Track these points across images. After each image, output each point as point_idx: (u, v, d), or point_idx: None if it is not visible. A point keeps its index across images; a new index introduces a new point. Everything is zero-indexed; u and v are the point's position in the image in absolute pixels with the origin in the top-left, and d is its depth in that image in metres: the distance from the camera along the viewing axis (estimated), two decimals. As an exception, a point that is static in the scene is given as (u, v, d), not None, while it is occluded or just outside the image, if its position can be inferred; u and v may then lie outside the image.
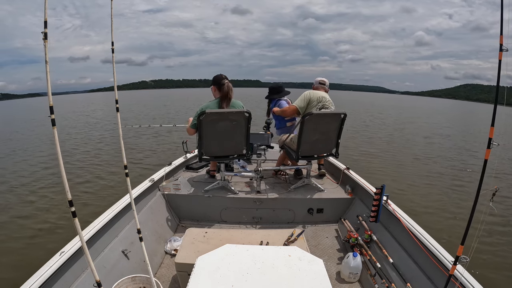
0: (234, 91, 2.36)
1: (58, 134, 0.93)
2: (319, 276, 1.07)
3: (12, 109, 35.83)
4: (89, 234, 1.55)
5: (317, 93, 2.60)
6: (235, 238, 1.74)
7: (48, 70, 0.86)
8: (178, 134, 9.27)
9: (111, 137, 9.81)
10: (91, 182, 5.25)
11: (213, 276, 1.05)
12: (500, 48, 1.02)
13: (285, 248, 1.27)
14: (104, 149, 8.13)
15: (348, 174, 2.69)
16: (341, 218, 2.42)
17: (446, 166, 6.78)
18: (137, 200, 2.14)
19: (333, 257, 2.08)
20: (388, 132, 11.54)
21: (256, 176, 2.57)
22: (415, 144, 9.54)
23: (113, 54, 1.30)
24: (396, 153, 8.00)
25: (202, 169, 3.12)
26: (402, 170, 6.34)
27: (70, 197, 0.94)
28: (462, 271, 1.23)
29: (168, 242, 2.15)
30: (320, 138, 2.45)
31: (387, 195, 2.03)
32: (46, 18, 0.86)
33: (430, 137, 10.92)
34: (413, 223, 1.77)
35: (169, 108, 22.42)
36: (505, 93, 1.22)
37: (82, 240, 0.99)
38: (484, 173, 1.13)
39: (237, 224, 2.49)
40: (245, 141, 2.39)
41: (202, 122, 2.19)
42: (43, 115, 15.61)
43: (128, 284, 1.46)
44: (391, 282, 1.63)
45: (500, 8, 1.02)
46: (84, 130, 11.93)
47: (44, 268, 1.27)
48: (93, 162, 6.71)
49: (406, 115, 21.04)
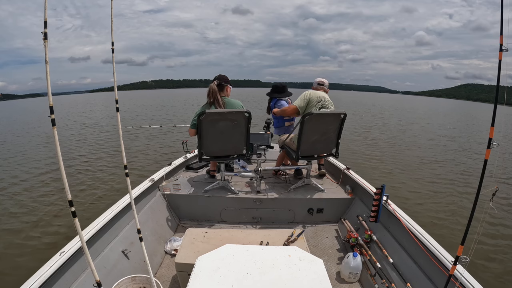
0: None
1: (58, 134, 0.93)
2: (319, 276, 1.07)
3: (11, 109, 35.79)
4: (89, 234, 1.55)
5: (316, 93, 2.61)
6: (235, 238, 1.74)
7: (48, 70, 0.86)
8: (178, 134, 9.28)
9: (112, 137, 9.82)
10: (91, 182, 5.25)
11: (213, 276, 1.05)
12: (500, 48, 1.02)
13: (285, 248, 1.27)
14: (104, 149, 8.13)
15: (348, 174, 2.69)
16: (341, 218, 2.42)
17: (446, 167, 6.78)
18: (137, 200, 2.14)
19: (333, 257, 2.08)
20: (391, 134, 11.34)
21: (256, 176, 2.57)
22: (417, 144, 9.52)
23: (113, 54, 1.30)
24: (396, 153, 7.99)
25: (202, 169, 3.13)
26: (402, 170, 6.33)
27: (70, 197, 0.95)
28: (462, 271, 1.23)
29: (168, 242, 2.15)
30: (320, 138, 2.45)
31: (387, 195, 2.03)
32: (46, 18, 0.86)
33: (434, 139, 10.87)
34: (413, 223, 1.77)
35: (168, 109, 22.39)
36: (505, 92, 1.22)
37: (82, 240, 0.99)
38: (484, 173, 1.13)
39: (237, 224, 2.49)
40: (245, 141, 2.39)
41: (202, 122, 2.19)
42: (43, 115, 15.60)
43: (128, 284, 1.46)
44: (391, 282, 1.63)
45: (500, 8, 1.02)
46: (85, 130, 11.95)
47: (44, 268, 1.27)
48: (93, 162, 6.71)
49: (410, 116, 20.56)
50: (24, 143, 9.43)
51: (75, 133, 11.05)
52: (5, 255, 3.02)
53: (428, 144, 9.66)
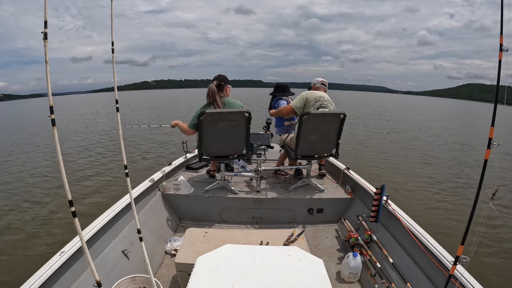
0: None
1: (58, 134, 0.93)
2: (319, 276, 1.07)
3: (10, 110, 35.71)
4: (89, 234, 1.55)
5: (315, 92, 2.60)
6: (235, 238, 1.74)
7: (48, 70, 0.86)
8: (178, 134, 9.26)
9: (111, 137, 9.82)
10: (90, 182, 5.26)
11: (213, 276, 1.05)
12: (500, 48, 1.02)
13: (285, 248, 1.27)
14: (104, 149, 8.13)
15: (348, 174, 2.69)
16: (341, 218, 2.41)
17: (447, 166, 6.77)
18: (137, 200, 2.14)
19: (333, 257, 2.08)
20: (398, 136, 10.90)
21: (256, 176, 2.57)
22: (419, 144, 9.48)
23: (113, 54, 1.30)
24: (397, 154, 7.99)
25: (202, 169, 3.12)
26: (402, 170, 6.33)
27: (70, 197, 0.95)
28: (462, 271, 1.23)
29: (168, 242, 2.15)
30: (319, 138, 2.45)
31: (387, 195, 2.03)
32: (46, 18, 0.86)
33: (435, 138, 10.77)
34: (413, 223, 1.76)
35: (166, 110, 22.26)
36: (505, 92, 1.22)
37: (82, 240, 0.99)
38: (484, 173, 1.13)
39: (237, 224, 2.49)
40: (245, 141, 2.39)
41: (202, 122, 2.19)
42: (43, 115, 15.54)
43: (128, 284, 1.46)
44: (391, 282, 1.63)
45: (500, 8, 1.02)
46: (84, 130, 11.94)
47: (44, 268, 1.27)
48: (93, 162, 6.71)
49: (418, 118, 19.74)
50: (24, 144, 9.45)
51: (75, 133, 11.06)
52: (5, 255, 3.02)
53: (428, 144, 9.63)
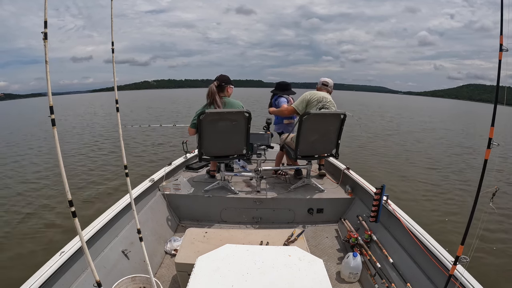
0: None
1: (58, 134, 0.93)
2: (319, 276, 1.07)
3: (10, 110, 35.70)
4: (89, 234, 1.55)
5: (317, 93, 2.60)
6: (235, 238, 1.74)
7: (48, 70, 0.86)
8: (178, 134, 9.27)
9: (111, 137, 9.81)
10: (91, 182, 5.25)
11: (213, 276, 1.05)
12: (500, 48, 1.02)
13: (285, 248, 1.27)
14: (104, 149, 8.13)
15: (348, 174, 2.69)
16: (341, 218, 2.42)
17: (447, 166, 6.77)
18: (137, 200, 2.14)
19: (333, 257, 2.08)
20: (401, 137, 10.65)
21: (256, 176, 2.57)
22: (419, 144, 9.48)
23: (113, 54, 1.30)
24: (398, 153, 7.98)
25: (202, 169, 3.12)
26: (402, 170, 6.33)
27: (70, 197, 0.94)
28: (462, 271, 1.23)
29: (168, 242, 2.15)
30: (319, 138, 2.45)
31: (387, 195, 2.03)
32: (46, 18, 0.86)
33: (436, 137, 10.72)
34: (413, 223, 1.76)
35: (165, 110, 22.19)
36: (505, 92, 1.22)
37: (82, 240, 0.99)
38: (484, 173, 1.13)
39: (237, 224, 2.49)
40: (245, 141, 2.39)
41: (202, 122, 2.19)
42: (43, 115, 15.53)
43: (128, 284, 1.46)
44: (391, 282, 1.63)
45: (500, 9, 1.02)
46: (84, 130, 11.94)
47: (44, 268, 1.27)
48: (93, 162, 6.71)
49: (420, 119, 19.50)
50: (24, 143, 9.44)
51: (75, 133, 11.06)
52: (5, 255, 3.02)
53: (430, 143, 9.63)
